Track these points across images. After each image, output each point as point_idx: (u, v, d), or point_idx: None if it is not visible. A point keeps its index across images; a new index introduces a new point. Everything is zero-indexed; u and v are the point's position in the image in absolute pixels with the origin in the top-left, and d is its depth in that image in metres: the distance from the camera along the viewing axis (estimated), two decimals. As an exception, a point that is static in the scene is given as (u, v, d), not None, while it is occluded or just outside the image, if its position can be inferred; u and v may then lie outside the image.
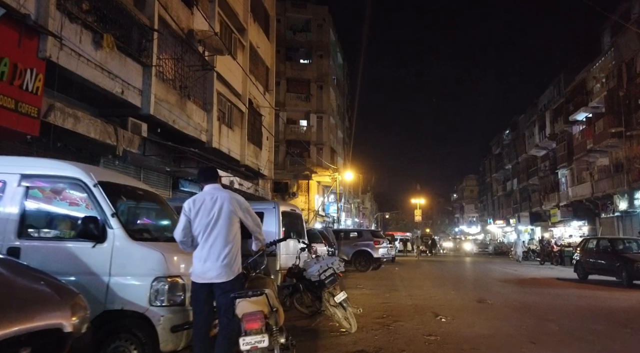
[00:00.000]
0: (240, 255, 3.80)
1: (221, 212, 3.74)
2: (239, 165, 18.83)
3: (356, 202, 57.93)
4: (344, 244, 17.40)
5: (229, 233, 3.74)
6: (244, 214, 3.91)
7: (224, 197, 3.83)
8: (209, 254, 3.66)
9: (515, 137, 46.10)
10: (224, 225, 3.72)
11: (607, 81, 27.98)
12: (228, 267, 3.66)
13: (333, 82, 39.07)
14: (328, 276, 6.27)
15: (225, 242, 3.70)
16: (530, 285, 13.01)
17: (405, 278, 14.92)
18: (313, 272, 6.43)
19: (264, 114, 21.83)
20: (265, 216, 8.68)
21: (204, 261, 3.65)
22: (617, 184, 26.65)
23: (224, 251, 3.67)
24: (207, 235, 3.69)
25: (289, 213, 9.32)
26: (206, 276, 3.63)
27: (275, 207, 8.78)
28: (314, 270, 6.44)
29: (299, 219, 9.80)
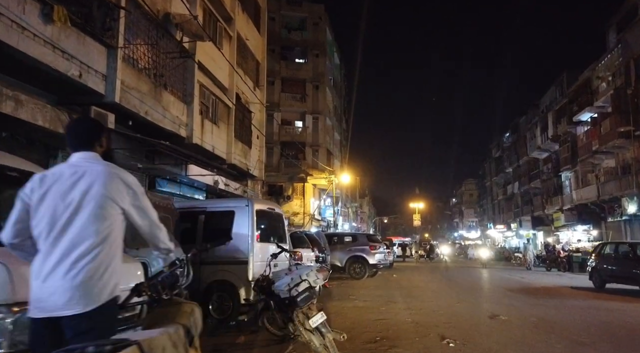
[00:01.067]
0: (116, 269, 2.14)
1: (85, 197, 2.11)
2: (225, 164, 17.34)
3: (354, 206, 56.40)
4: (337, 249, 15.88)
5: (96, 233, 2.09)
6: (131, 205, 2.23)
7: (96, 172, 2.18)
8: (55, 267, 2.02)
9: (516, 140, 44.68)
10: (87, 220, 2.09)
11: (613, 79, 26.59)
12: (85, 289, 2.01)
13: (329, 83, 37.68)
14: (301, 292, 4.76)
15: (85, 247, 2.06)
16: (544, 296, 11.49)
17: (404, 287, 13.39)
18: (281, 286, 4.92)
19: (253, 110, 20.37)
20: (237, 216, 7.20)
21: (44, 279, 2.02)
22: (625, 186, 25.17)
23: (81, 262, 2.03)
24: (56, 235, 2.06)
25: (266, 213, 7.82)
26: (47, 304, 2.01)
27: (249, 205, 7.30)
28: (283, 283, 4.93)
29: (279, 220, 8.30)
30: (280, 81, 34.53)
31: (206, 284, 7.06)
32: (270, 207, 8.01)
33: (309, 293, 4.77)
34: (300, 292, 4.73)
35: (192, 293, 4.06)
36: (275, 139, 34.32)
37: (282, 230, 8.29)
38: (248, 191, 19.69)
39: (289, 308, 4.72)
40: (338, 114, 42.87)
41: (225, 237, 6.17)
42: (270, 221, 8.00)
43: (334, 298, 10.34)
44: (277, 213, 8.25)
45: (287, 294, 4.75)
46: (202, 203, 9.44)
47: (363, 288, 12.86)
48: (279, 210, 8.39)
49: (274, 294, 5.01)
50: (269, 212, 7.89)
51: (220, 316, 7.02)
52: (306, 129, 35.02)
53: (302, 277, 4.88)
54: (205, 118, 15.73)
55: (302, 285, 4.80)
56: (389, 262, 17.66)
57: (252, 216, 7.23)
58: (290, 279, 4.87)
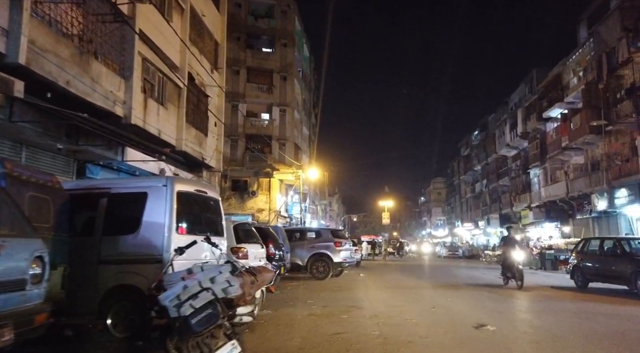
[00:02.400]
0: None
1: None
2: (174, 151, 15.28)
3: (323, 203, 54.80)
4: (298, 246, 14.10)
5: None
6: None
7: None
8: None
9: (485, 137, 44.09)
10: None
11: (584, 74, 25.91)
12: None
13: (298, 74, 35.86)
14: (198, 309, 2.96)
15: None
16: (527, 297, 10.06)
17: (371, 288, 11.75)
18: (167, 300, 3.10)
19: (211, 95, 18.33)
20: (150, 199, 5.34)
21: None
22: (595, 183, 24.48)
23: None
24: None
25: (194, 197, 5.97)
26: None
27: (167, 185, 5.44)
28: (170, 295, 3.11)
29: (213, 207, 6.44)
30: (246, 71, 32.48)
31: (104, 291, 5.15)
32: (199, 189, 6.13)
33: (212, 310, 3.00)
34: (198, 309, 2.95)
35: (81, 303, 2.45)
36: (240, 131, 32.25)
37: (217, 220, 6.45)
38: (203, 183, 17.64)
39: (179, 332, 2.92)
40: (307, 108, 41.11)
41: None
42: (200, 208, 6.16)
43: (287, 303, 8.58)
44: (211, 198, 6.39)
45: (176, 312, 2.96)
46: (104, 182, 7.43)
47: (325, 290, 11.13)
48: (213, 193, 6.53)
49: (164, 310, 3.19)
50: (197, 196, 6.03)
51: (122, 334, 5.13)
52: (273, 122, 33.08)
53: (202, 284, 3.09)
54: (150, 97, 13.68)
55: (201, 299, 3.02)
56: (355, 260, 16.00)
57: (170, 200, 5.38)
58: (181, 288, 3.07)
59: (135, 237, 5.27)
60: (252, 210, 32.43)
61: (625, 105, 22.19)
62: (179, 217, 5.45)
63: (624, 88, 22.87)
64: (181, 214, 5.55)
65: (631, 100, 21.71)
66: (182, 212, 5.56)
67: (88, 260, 5.22)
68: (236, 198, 32.50)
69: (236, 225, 7.65)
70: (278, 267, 10.95)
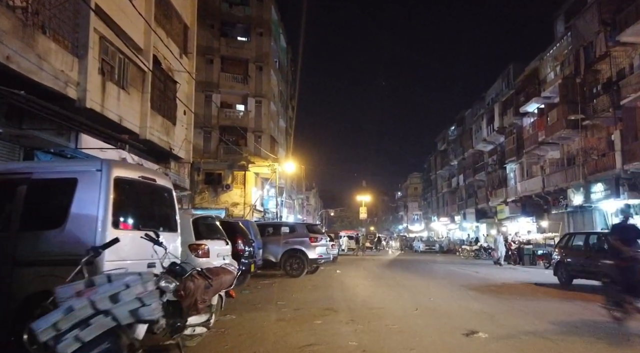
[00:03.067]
0: None
1: None
2: (138, 140, 14.11)
3: (300, 198, 53.90)
4: (271, 241, 13.17)
5: None
6: None
7: None
8: None
9: (462, 133, 43.94)
10: None
11: (562, 68, 25.72)
12: None
13: (275, 65, 34.71)
14: (87, 344, 2.02)
15: None
16: (512, 296, 9.44)
17: (348, 287, 10.95)
18: (39, 330, 2.14)
19: (179, 81, 17.14)
20: (80, 187, 4.31)
21: None
22: (572, 178, 24.34)
23: None
24: None
25: (140, 186, 4.98)
26: None
27: (102, 170, 4.42)
28: (44, 323, 2.15)
29: (165, 198, 5.45)
30: (220, 60, 31.18)
31: (21, 299, 4.14)
32: (146, 176, 5.11)
33: (111, 345, 2.06)
34: (87, 344, 2.01)
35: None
36: (214, 122, 30.99)
37: (170, 213, 5.47)
38: (171, 174, 16.49)
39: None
40: (284, 100, 40.02)
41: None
42: (149, 199, 5.16)
43: (255, 305, 7.67)
44: (161, 187, 5.39)
45: (52, 340, 2.01)
46: (25, 166, 6.28)
47: (298, 289, 10.26)
48: (164, 182, 5.51)
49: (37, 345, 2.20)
50: (144, 185, 5.02)
51: (43, 352, 4.11)
52: (248, 113, 31.91)
53: (96, 305, 2.13)
54: (109, 80, 12.46)
55: (95, 327, 2.07)
56: (332, 256, 15.20)
57: (106, 187, 4.38)
58: (61, 313, 2.11)
59: (60, 233, 4.27)
60: (227, 204, 31.28)
61: (602, 100, 22.03)
62: (117, 208, 4.46)
63: (600, 82, 22.74)
64: (121, 205, 4.56)
65: (608, 94, 21.54)
66: (122, 203, 4.58)
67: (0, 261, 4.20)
68: (209, 192, 31.28)
69: (196, 219, 6.68)
70: (248, 265, 10.04)
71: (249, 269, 10.01)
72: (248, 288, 10.13)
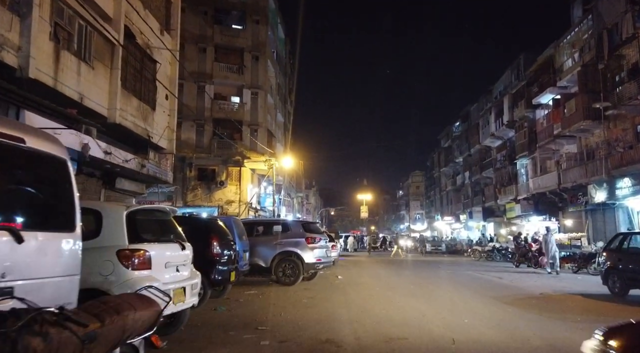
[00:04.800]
0: None
1: None
2: (106, 124, 11.91)
3: (299, 196, 51.71)
4: (260, 242, 10.97)
5: None
6: None
7: None
8: None
9: (467, 128, 41.70)
10: None
11: (581, 55, 23.46)
12: None
13: (272, 55, 32.51)
14: None
15: None
16: (565, 313, 7.26)
17: (353, 300, 8.74)
18: None
19: (160, 61, 14.92)
20: None
21: None
22: (593, 173, 22.08)
23: None
24: None
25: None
26: None
27: None
28: None
29: (47, 171, 3.17)
30: (214, 49, 28.98)
31: None
32: (11, 132, 2.85)
33: None
34: None
35: None
36: (207, 115, 28.81)
37: (55, 196, 3.23)
38: (150, 166, 14.28)
39: None
40: (282, 93, 37.81)
41: None
42: (14, 173, 2.91)
43: (225, 332, 5.51)
44: (38, 153, 3.11)
45: None
46: None
47: (290, 303, 8.06)
48: (47, 146, 3.23)
49: None
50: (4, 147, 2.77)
51: None
52: (244, 106, 29.70)
53: None
54: (66, 49, 10.26)
55: None
56: (332, 260, 12.92)
57: None
58: None
59: None
60: (221, 202, 29.09)
61: (628, 87, 19.79)
62: None
63: (626, 69, 20.54)
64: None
65: (635, 81, 19.32)
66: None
67: None
68: (202, 188, 29.10)
69: (133, 212, 4.46)
70: (226, 273, 7.83)
71: (227, 278, 7.79)
72: (226, 303, 7.93)
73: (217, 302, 7.89)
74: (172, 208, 5.23)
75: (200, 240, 7.49)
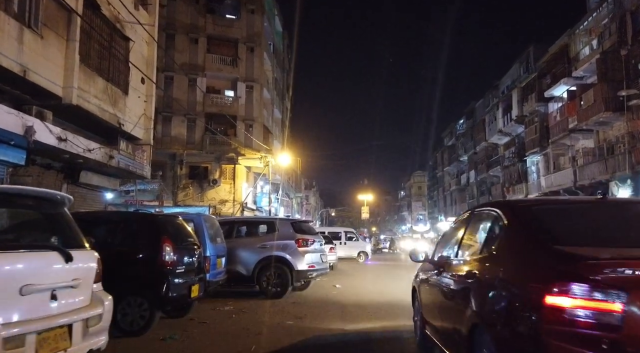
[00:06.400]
0: None
1: None
2: (62, 105, 9.97)
3: (298, 197, 49.73)
4: (240, 245, 8.97)
5: None
6: None
7: None
8: None
9: (473, 125, 39.68)
10: None
11: (600, 42, 21.45)
12: None
13: (269, 48, 30.59)
14: None
15: None
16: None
17: (356, 316, 6.71)
18: None
19: (133, 39, 12.96)
20: None
21: None
22: (614, 168, 20.03)
23: None
24: None
25: None
26: None
27: None
28: None
29: None
30: (206, 39, 27.08)
31: None
32: None
33: None
34: None
35: None
36: (199, 109, 26.89)
37: None
38: (121, 158, 12.30)
39: None
40: (280, 89, 35.87)
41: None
42: None
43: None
44: None
45: None
46: None
47: (269, 325, 6.10)
48: None
49: None
50: None
51: None
52: (238, 100, 27.75)
53: None
54: (2, 10, 8.30)
55: None
56: (327, 267, 10.79)
57: None
58: None
59: None
60: (214, 202, 27.10)
61: (656, 74, 17.82)
62: None
63: (652, 54, 18.57)
64: None
65: (663, 66, 17.35)
66: None
67: None
68: (194, 187, 27.15)
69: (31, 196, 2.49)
70: (186, 286, 5.85)
71: (185, 294, 5.80)
72: (187, 326, 5.93)
73: (174, 326, 5.91)
74: (67, 196, 3.22)
75: (145, 244, 5.51)
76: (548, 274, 2.19)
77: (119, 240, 5.56)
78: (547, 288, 2.07)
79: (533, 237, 2.65)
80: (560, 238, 2.50)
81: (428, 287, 4.26)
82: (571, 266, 2.11)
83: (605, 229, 2.83)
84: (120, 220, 5.85)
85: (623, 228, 2.85)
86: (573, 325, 1.98)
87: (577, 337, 1.97)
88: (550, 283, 2.07)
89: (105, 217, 6.55)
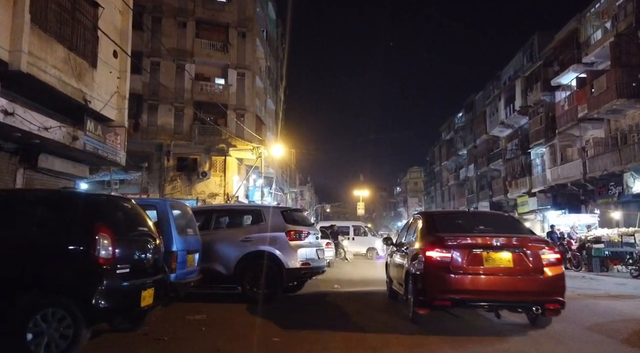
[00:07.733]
0: None
1: None
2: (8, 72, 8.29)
3: (293, 192, 48.10)
4: (219, 239, 7.35)
5: None
6: None
7: None
8: None
9: (472, 118, 38.22)
10: None
11: (614, 24, 19.98)
12: None
13: (262, 34, 28.91)
14: None
15: None
16: None
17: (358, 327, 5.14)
18: None
19: (104, 5, 11.25)
20: None
21: None
22: (629, 159, 18.57)
23: None
24: None
25: None
26: None
27: None
28: None
29: None
30: (195, 24, 25.36)
31: None
32: None
33: None
34: None
35: None
36: (187, 97, 25.19)
37: None
38: (88, 140, 10.61)
39: None
40: (273, 78, 34.19)
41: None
42: None
43: None
44: None
45: None
46: None
47: (246, 344, 4.45)
48: None
49: None
50: None
51: None
52: (229, 88, 26.06)
53: None
54: None
55: None
56: (324, 264, 9.07)
57: None
58: None
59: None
60: (203, 195, 25.47)
61: (677, 56, 16.36)
62: None
63: (672, 35, 17.15)
64: None
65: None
66: None
67: None
68: (183, 180, 25.45)
69: None
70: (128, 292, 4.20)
71: (131, 303, 4.18)
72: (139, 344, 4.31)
73: (116, 345, 4.28)
74: None
75: (72, 233, 3.88)
76: (429, 243, 5.35)
77: (35, 227, 3.93)
78: (427, 249, 5.27)
79: (429, 229, 5.79)
80: (439, 229, 5.67)
81: (391, 259, 7.66)
82: (436, 240, 5.30)
83: (459, 225, 5.99)
84: (38, 200, 4.20)
85: (468, 225, 5.91)
86: (435, 262, 5.13)
87: (437, 266, 5.10)
88: (428, 247, 5.28)
89: (17, 195, 4.91)
